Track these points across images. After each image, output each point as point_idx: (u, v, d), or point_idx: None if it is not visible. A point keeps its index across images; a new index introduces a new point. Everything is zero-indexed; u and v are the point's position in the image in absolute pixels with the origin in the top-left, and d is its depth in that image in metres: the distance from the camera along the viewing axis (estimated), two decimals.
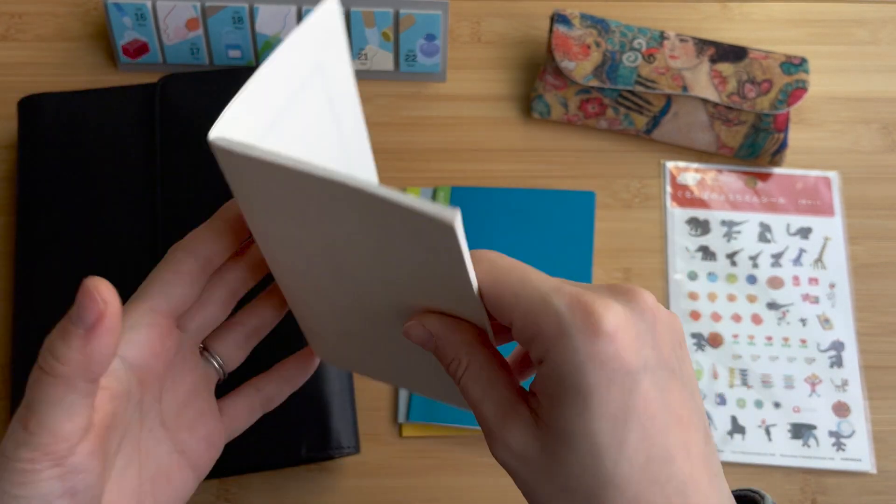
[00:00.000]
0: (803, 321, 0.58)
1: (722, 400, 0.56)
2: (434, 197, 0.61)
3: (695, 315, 0.59)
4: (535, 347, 0.29)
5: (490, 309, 0.31)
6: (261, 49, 0.63)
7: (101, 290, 0.30)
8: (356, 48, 0.63)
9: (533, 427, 0.29)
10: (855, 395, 0.56)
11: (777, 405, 0.56)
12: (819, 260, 0.60)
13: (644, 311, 0.29)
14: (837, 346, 0.58)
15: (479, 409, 0.31)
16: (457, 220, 0.25)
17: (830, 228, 0.61)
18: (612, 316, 0.28)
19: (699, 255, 0.61)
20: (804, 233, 0.61)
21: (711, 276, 0.60)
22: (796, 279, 0.60)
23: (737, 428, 0.55)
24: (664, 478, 0.28)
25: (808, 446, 0.55)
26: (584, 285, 0.30)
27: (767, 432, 0.55)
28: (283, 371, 0.42)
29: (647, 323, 0.29)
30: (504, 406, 0.30)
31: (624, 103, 0.62)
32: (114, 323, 0.30)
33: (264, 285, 0.40)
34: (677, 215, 0.62)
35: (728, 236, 0.61)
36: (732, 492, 0.33)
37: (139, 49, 0.63)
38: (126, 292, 0.53)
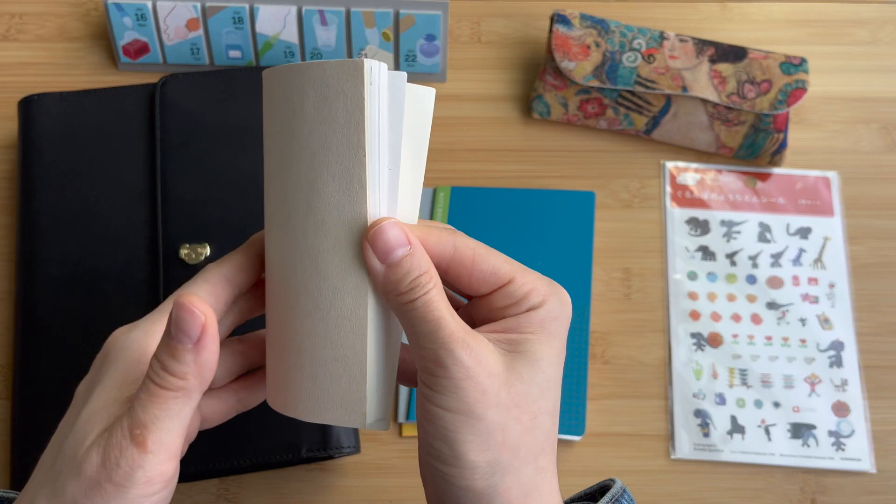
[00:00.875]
0: (803, 321, 0.58)
1: (721, 400, 0.56)
2: (434, 197, 0.61)
3: (694, 315, 0.59)
4: (528, 300, 0.35)
5: (487, 274, 0.35)
6: (261, 49, 0.63)
7: (197, 304, 0.32)
8: (356, 48, 0.63)
9: (496, 349, 0.34)
10: (854, 395, 0.56)
11: (777, 405, 0.56)
12: (819, 260, 0.60)
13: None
14: (837, 346, 0.58)
15: (442, 324, 0.32)
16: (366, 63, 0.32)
17: (830, 228, 0.61)
18: (568, 298, 0.36)
19: (699, 255, 0.61)
20: (804, 233, 0.61)
21: (711, 276, 0.60)
22: (796, 279, 0.60)
23: (736, 428, 0.55)
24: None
25: (808, 446, 0.55)
26: None
27: (767, 432, 0.55)
28: (261, 380, 0.42)
29: None
30: (467, 331, 0.33)
31: (624, 103, 0.62)
32: (215, 330, 0.33)
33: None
34: (677, 215, 0.62)
35: (728, 236, 0.61)
36: (595, 485, 0.40)
37: (139, 49, 0.63)
38: (127, 290, 0.53)
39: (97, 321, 0.52)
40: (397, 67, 0.64)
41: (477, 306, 0.37)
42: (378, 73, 0.33)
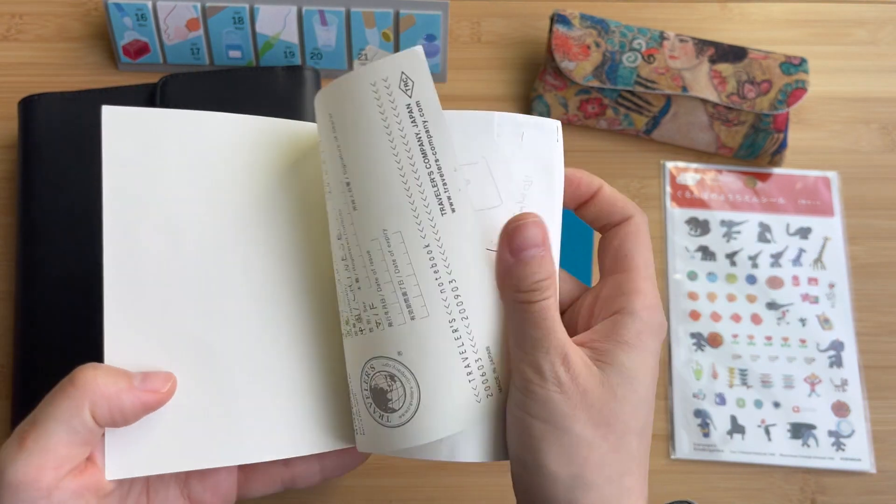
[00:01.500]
0: (803, 321, 0.58)
1: (721, 400, 0.56)
2: None
3: (694, 315, 0.59)
4: (629, 300, 0.35)
5: (619, 255, 0.36)
6: (261, 49, 0.63)
7: (174, 383, 0.33)
8: (356, 48, 0.63)
9: (592, 364, 0.33)
10: (854, 395, 0.56)
11: (777, 405, 0.56)
12: (819, 260, 0.60)
13: None
14: (837, 346, 0.58)
15: (551, 333, 0.32)
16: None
17: (830, 228, 0.61)
18: (664, 318, 0.36)
19: (699, 255, 0.61)
20: (804, 233, 0.61)
21: (711, 276, 0.60)
22: (796, 279, 0.60)
23: (736, 428, 0.55)
24: (648, 450, 0.35)
25: (808, 446, 0.55)
26: None
27: (767, 432, 0.55)
28: (321, 458, 0.41)
29: None
30: (569, 338, 0.33)
31: (624, 103, 0.62)
32: (157, 402, 0.33)
33: None
34: (677, 215, 0.62)
35: (728, 236, 0.61)
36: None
37: (139, 49, 0.63)
38: None
39: (97, 321, 0.52)
40: None
41: (582, 304, 0.37)
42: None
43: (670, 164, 0.63)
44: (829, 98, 0.66)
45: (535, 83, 0.64)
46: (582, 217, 0.39)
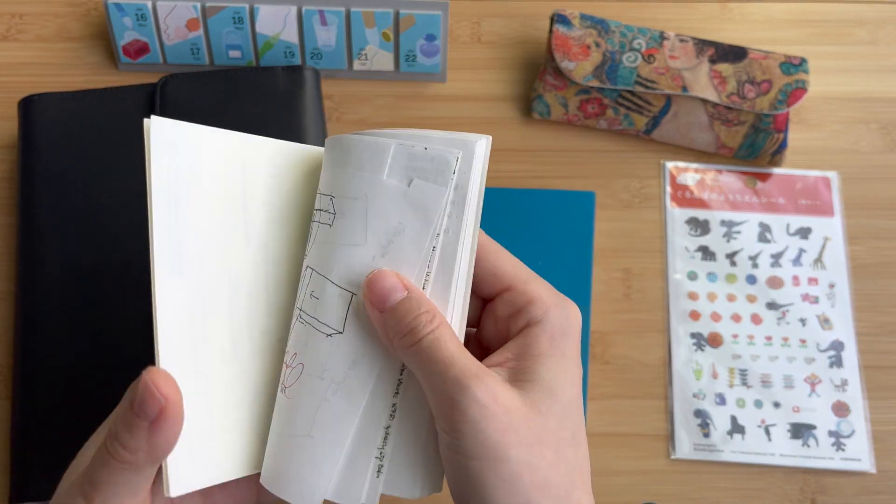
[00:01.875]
0: (803, 321, 0.58)
1: (721, 400, 0.56)
2: None
3: (694, 315, 0.59)
4: (527, 312, 0.34)
5: (487, 269, 0.35)
6: (261, 49, 0.63)
7: (160, 385, 0.31)
8: (356, 48, 0.63)
9: (509, 385, 0.32)
10: (854, 395, 0.56)
11: (777, 405, 0.56)
12: (819, 260, 0.60)
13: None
14: (837, 346, 0.58)
15: (453, 361, 0.31)
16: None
17: (830, 228, 0.61)
18: (577, 310, 0.35)
19: (699, 255, 0.61)
20: (804, 233, 0.61)
21: (711, 276, 0.60)
22: (796, 279, 0.60)
23: (736, 428, 0.55)
24: (587, 451, 0.35)
25: (808, 446, 0.55)
26: None
27: (767, 432, 0.55)
28: None
29: None
30: (479, 363, 0.32)
31: (624, 103, 0.62)
32: (175, 414, 0.31)
33: None
34: (677, 215, 0.62)
35: (728, 236, 0.61)
36: None
37: (139, 49, 0.63)
38: (126, 290, 0.53)
39: (97, 321, 0.52)
40: (397, 68, 0.64)
41: (484, 327, 0.36)
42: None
43: (670, 164, 0.63)
44: (829, 98, 0.66)
45: (535, 83, 0.64)
46: None
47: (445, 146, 0.34)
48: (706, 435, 0.55)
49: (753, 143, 0.62)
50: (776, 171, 0.63)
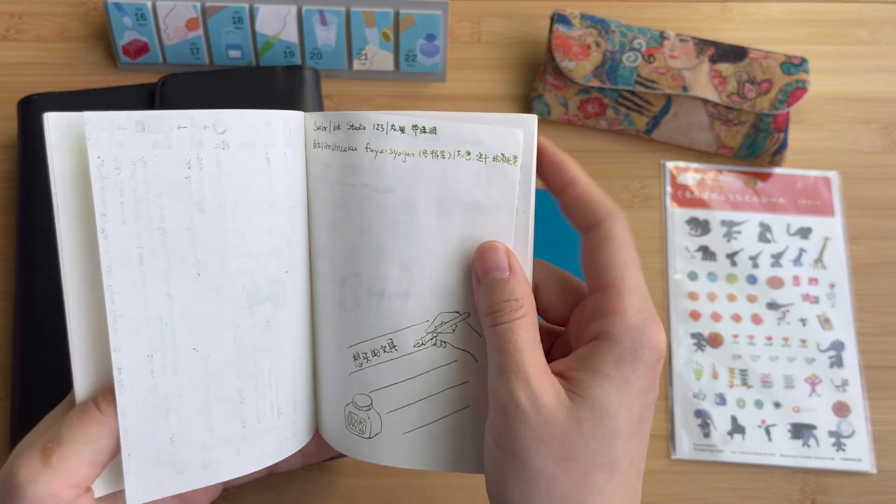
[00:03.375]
0: (803, 321, 0.58)
1: (722, 400, 0.56)
2: None
3: (695, 315, 0.59)
4: (608, 322, 0.32)
5: (591, 264, 0.34)
6: (261, 49, 0.63)
7: None
8: (356, 48, 0.63)
9: (564, 395, 0.31)
10: (855, 395, 0.56)
11: (777, 405, 0.56)
12: (819, 260, 0.60)
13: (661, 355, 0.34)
14: (837, 346, 0.58)
15: (516, 356, 0.31)
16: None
17: (830, 228, 0.61)
18: (665, 346, 0.33)
19: (699, 255, 0.61)
20: (804, 233, 0.61)
21: (711, 276, 0.60)
22: (796, 279, 0.60)
23: (737, 428, 0.55)
24: (634, 485, 0.33)
25: (808, 446, 0.55)
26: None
27: (767, 432, 0.55)
28: None
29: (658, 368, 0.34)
30: (543, 364, 0.32)
31: (624, 103, 0.62)
32: None
33: None
34: (677, 215, 0.62)
35: (728, 236, 0.61)
36: None
37: (139, 49, 0.63)
38: None
39: None
40: (397, 67, 0.64)
41: (570, 323, 0.36)
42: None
43: (670, 164, 0.63)
44: (829, 98, 0.66)
45: (535, 83, 0.63)
46: (561, 211, 0.37)
47: (505, 125, 0.33)
48: (706, 435, 0.55)
49: (754, 143, 0.62)
50: (776, 171, 0.63)
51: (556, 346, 0.37)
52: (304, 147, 0.37)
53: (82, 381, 0.33)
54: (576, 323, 0.35)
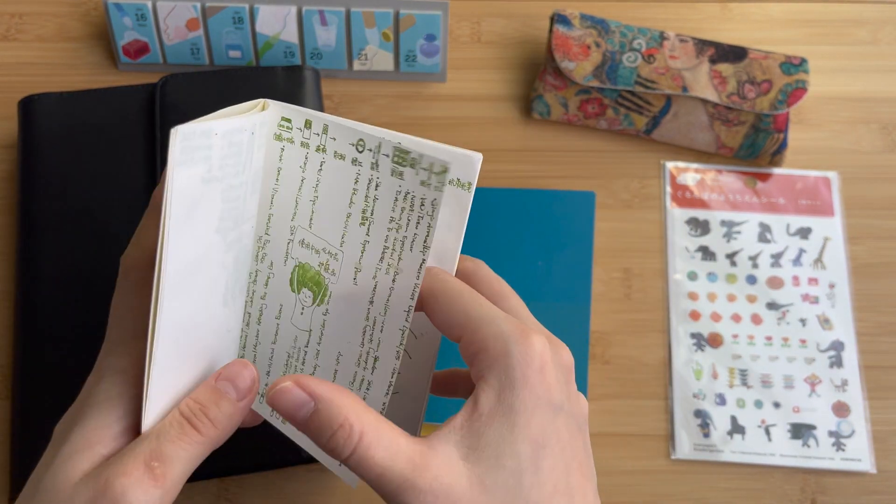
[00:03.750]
0: (803, 321, 0.58)
1: (721, 400, 0.56)
2: None
3: (694, 315, 0.59)
4: (477, 363, 0.31)
5: (441, 320, 0.33)
6: (261, 49, 0.63)
7: (250, 367, 0.33)
8: (356, 48, 0.63)
9: (456, 459, 0.29)
10: (855, 395, 0.56)
11: (777, 405, 0.56)
12: (819, 260, 0.60)
13: (560, 351, 0.33)
14: (837, 346, 0.58)
15: (388, 471, 0.29)
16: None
17: (830, 228, 0.61)
18: (543, 350, 0.31)
19: (699, 255, 0.61)
20: (804, 233, 0.61)
21: (711, 277, 0.60)
22: (796, 279, 0.60)
23: (736, 428, 0.55)
24: None
25: (808, 446, 0.55)
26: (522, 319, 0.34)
27: (767, 432, 0.55)
28: None
29: (563, 366, 0.32)
30: (416, 455, 0.30)
31: (624, 103, 0.62)
32: (254, 396, 0.33)
33: None
34: (677, 215, 0.62)
35: (728, 236, 0.61)
36: None
37: (139, 49, 0.63)
38: None
39: (96, 321, 0.52)
40: (397, 68, 0.64)
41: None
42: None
43: (670, 164, 0.63)
44: (829, 98, 0.66)
45: (535, 83, 0.63)
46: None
47: (460, 154, 0.33)
48: (706, 435, 0.55)
49: (753, 143, 0.62)
50: (776, 171, 0.63)
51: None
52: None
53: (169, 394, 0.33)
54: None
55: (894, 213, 0.62)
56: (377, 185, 0.33)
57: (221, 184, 0.33)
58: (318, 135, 0.35)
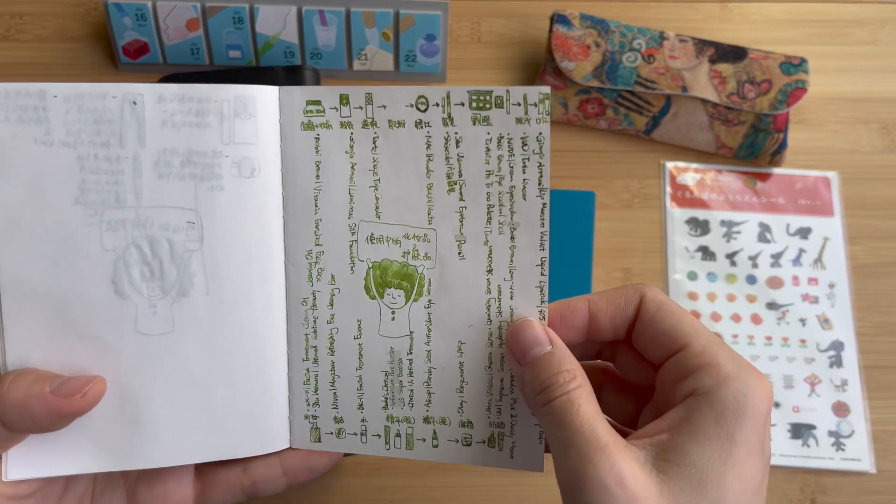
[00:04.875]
0: (803, 321, 0.58)
1: None
2: None
3: (694, 315, 0.59)
4: (699, 378, 0.29)
5: (663, 328, 0.31)
6: (261, 49, 0.63)
7: (94, 388, 0.31)
8: (356, 48, 0.63)
9: (650, 464, 0.27)
10: (854, 395, 0.56)
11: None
12: (818, 260, 0.60)
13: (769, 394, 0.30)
14: (837, 346, 0.58)
15: (582, 429, 0.28)
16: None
17: (830, 228, 0.61)
18: (771, 395, 0.28)
19: (699, 255, 0.61)
20: (804, 233, 0.61)
21: (711, 277, 0.60)
22: (796, 279, 0.60)
23: None
24: None
25: (808, 446, 0.55)
26: None
27: None
28: (283, 461, 0.37)
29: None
30: (615, 434, 0.28)
31: (624, 103, 0.62)
32: (72, 410, 0.31)
33: None
34: (677, 215, 0.62)
35: (728, 236, 0.61)
36: None
37: (139, 49, 0.63)
38: None
39: None
40: (397, 68, 0.64)
41: (661, 390, 0.32)
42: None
43: (670, 164, 0.63)
44: (829, 98, 0.66)
45: (534, 83, 0.63)
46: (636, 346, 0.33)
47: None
48: None
49: (753, 143, 0.62)
50: (776, 171, 0.63)
51: (642, 414, 0.34)
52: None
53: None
54: (662, 386, 0.31)
55: (894, 213, 0.62)
56: (458, 141, 0.30)
57: (75, 150, 0.31)
58: (360, 108, 0.31)
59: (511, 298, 0.32)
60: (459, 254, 0.31)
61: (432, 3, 0.60)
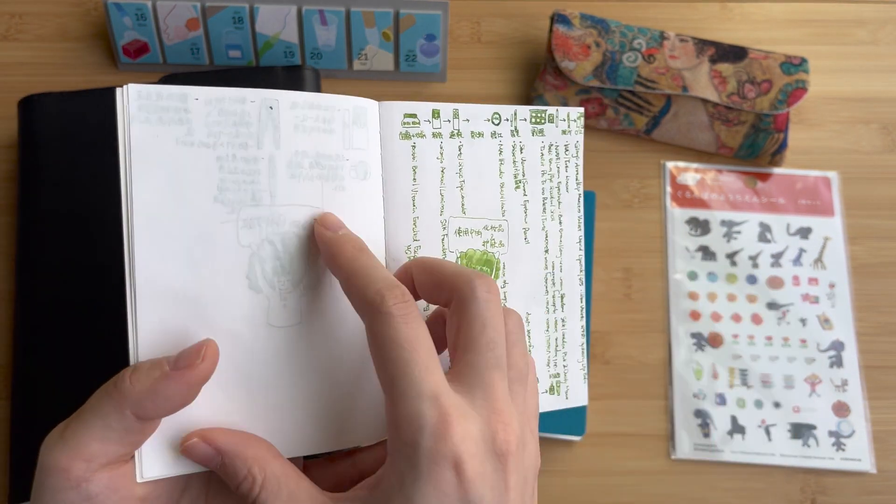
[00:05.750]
0: (803, 321, 0.58)
1: (722, 400, 0.56)
2: None
3: (695, 315, 0.59)
4: (389, 435, 0.30)
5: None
6: (261, 49, 0.63)
7: (209, 350, 0.31)
8: (356, 48, 0.63)
9: None
10: (855, 395, 0.56)
11: (777, 405, 0.56)
12: (819, 260, 0.60)
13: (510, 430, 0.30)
14: (837, 346, 0.58)
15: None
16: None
17: (830, 228, 0.61)
18: (465, 437, 0.28)
19: (699, 255, 0.61)
20: (804, 233, 0.61)
21: (711, 276, 0.60)
22: (796, 279, 0.60)
23: (737, 428, 0.55)
24: None
25: (808, 446, 0.55)
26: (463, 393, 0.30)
27: (767, 432, 0.55)
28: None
29: (501, 454, 0.29)
30: None
31: (624, 103, 0.62)
32: (198, 377, 0.31)
33: None
34: (677, 215, 0.62)
35: (728, 236, 0.61)
36: None
37: (139, 49, 0.63)
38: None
39: (96, 321, 0.52)
40: (397, 67, 0.64)
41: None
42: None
43: (670, 164, 0.63)
44: (829, 98, 0.66)
45: (535, 83, 0.63)
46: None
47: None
48: (706, 435, 0.55)
49: (753, 143, 0.62)
50: (776, 171, 0.63)
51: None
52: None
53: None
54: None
55: (894, 213, 0.62)
56: (521, 149, 0.38)
57: (214, 151, 0.33)
58: (448, 121, 0.37)
59: (561, 271, 0.39)
60: (525, 239, 0.38)
61: (432, 2, 0.60)
